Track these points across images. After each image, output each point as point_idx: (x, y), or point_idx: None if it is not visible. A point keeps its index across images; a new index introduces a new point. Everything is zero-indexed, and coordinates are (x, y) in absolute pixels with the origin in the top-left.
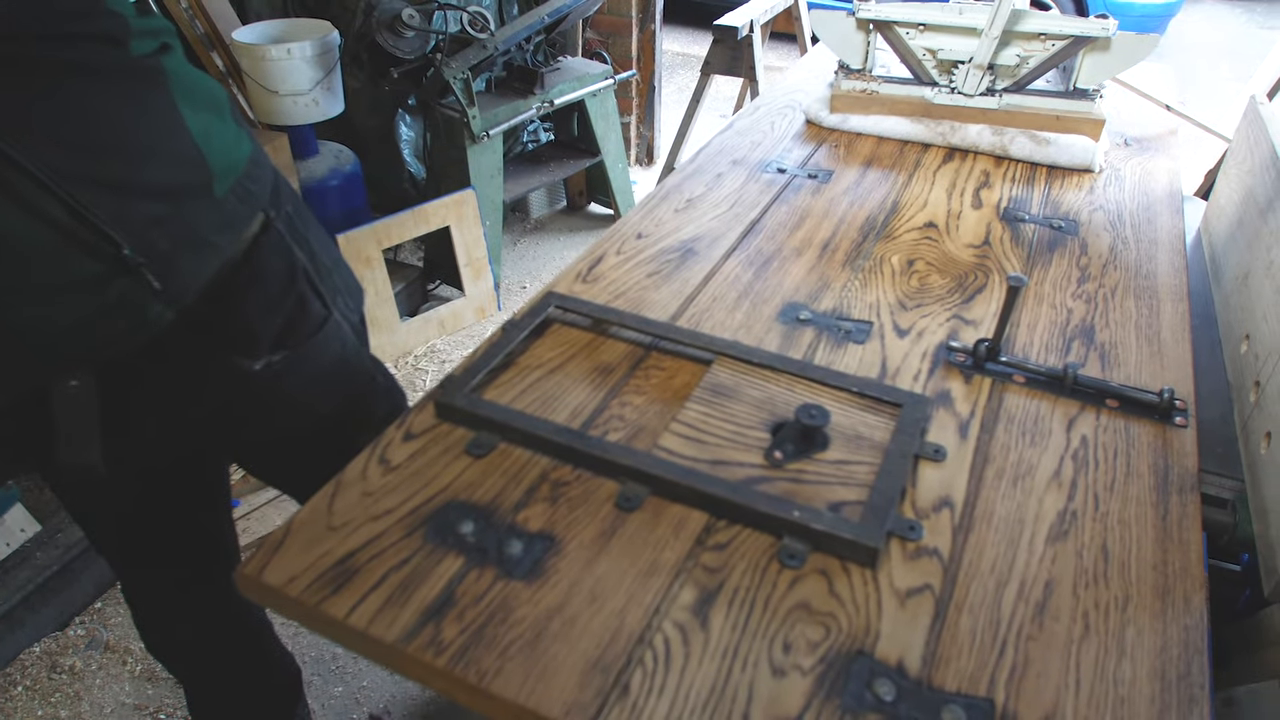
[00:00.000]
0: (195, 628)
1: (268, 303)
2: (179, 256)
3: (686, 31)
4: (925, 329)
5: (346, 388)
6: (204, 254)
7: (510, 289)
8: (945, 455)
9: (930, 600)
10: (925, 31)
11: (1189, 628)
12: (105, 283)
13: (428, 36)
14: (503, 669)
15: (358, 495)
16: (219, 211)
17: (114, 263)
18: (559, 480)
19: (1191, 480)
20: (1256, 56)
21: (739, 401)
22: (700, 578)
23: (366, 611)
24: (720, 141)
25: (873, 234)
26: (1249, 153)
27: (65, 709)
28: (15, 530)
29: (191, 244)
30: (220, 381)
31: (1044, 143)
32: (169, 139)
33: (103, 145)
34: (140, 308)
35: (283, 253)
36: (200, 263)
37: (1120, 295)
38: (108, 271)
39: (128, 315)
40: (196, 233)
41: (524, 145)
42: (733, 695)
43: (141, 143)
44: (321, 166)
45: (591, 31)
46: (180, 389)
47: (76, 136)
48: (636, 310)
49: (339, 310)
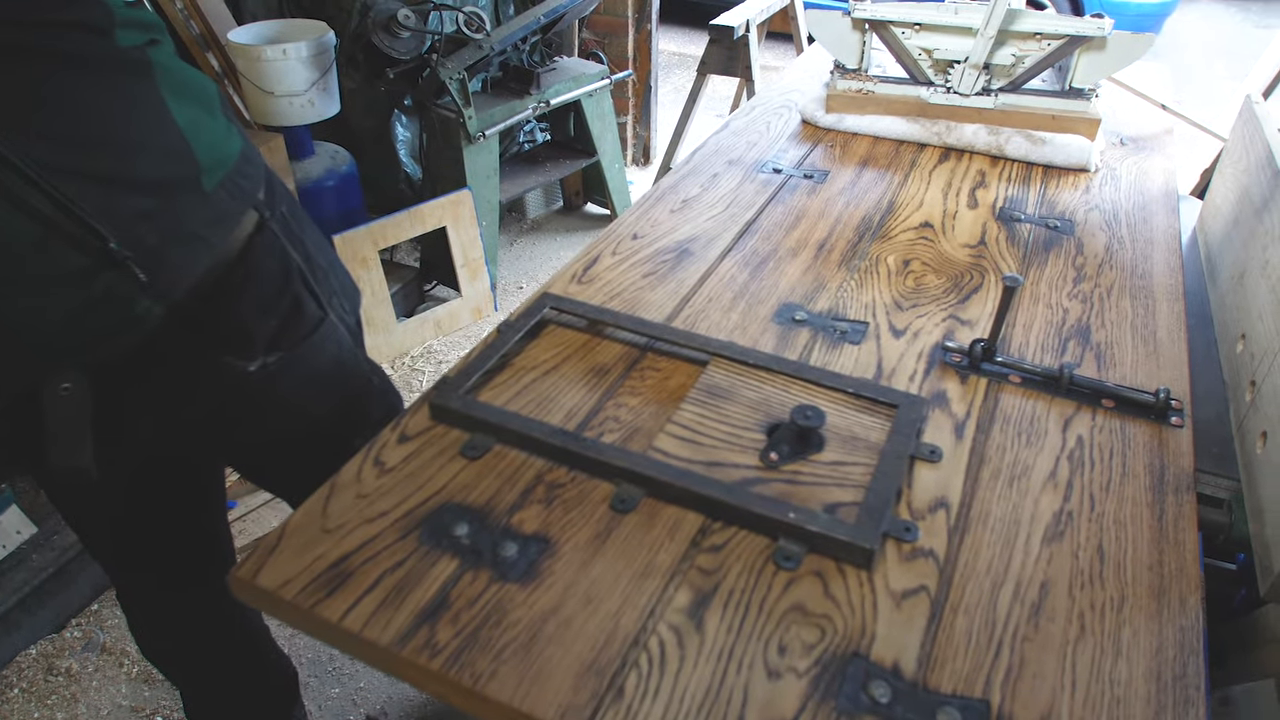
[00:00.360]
0: (190, 631)
1: (262, 303)
2: (167, 250)
3: (683, 31)
4: (921, 329)
5: (342, 390)
6: (193, 248)
7: (507, 289)
8: (941, 456)
9: (926, 602)
10: (921, 31)
11: (1185, 628)
12: (91, 276)
13: (423, 37)
14: (497, 672)
15: (352, 498)
16: (208, 206)
17: (100, 256)
18: (554, 482)
19: (1187, 480)
20: (1252, 55)
21: (734, 403)
22: (695, 580)
23: (361, 614)
24: (716, 142)
25: (868, 234)
26: (1244, 152)
27: (62, 711)
28: (11, 532)
29: (179, 238)
30: (214, 383)
31: (1040, 142)
32: (156, 132)
33: (88, 138)
34: (128, 302)
35: (277, 253)
36: (189, 257)
37: (1116, 295)
38: (94, 265)
39: (115, 310)
40: (185, 227)
41: (520, 145)
42: (728, 698)
43: (128, 135)
44: (317, 167)
45: (588, 31)
46: (174, 390)
47: (61, 128)
48: (632, 311)
49: (335, 312)
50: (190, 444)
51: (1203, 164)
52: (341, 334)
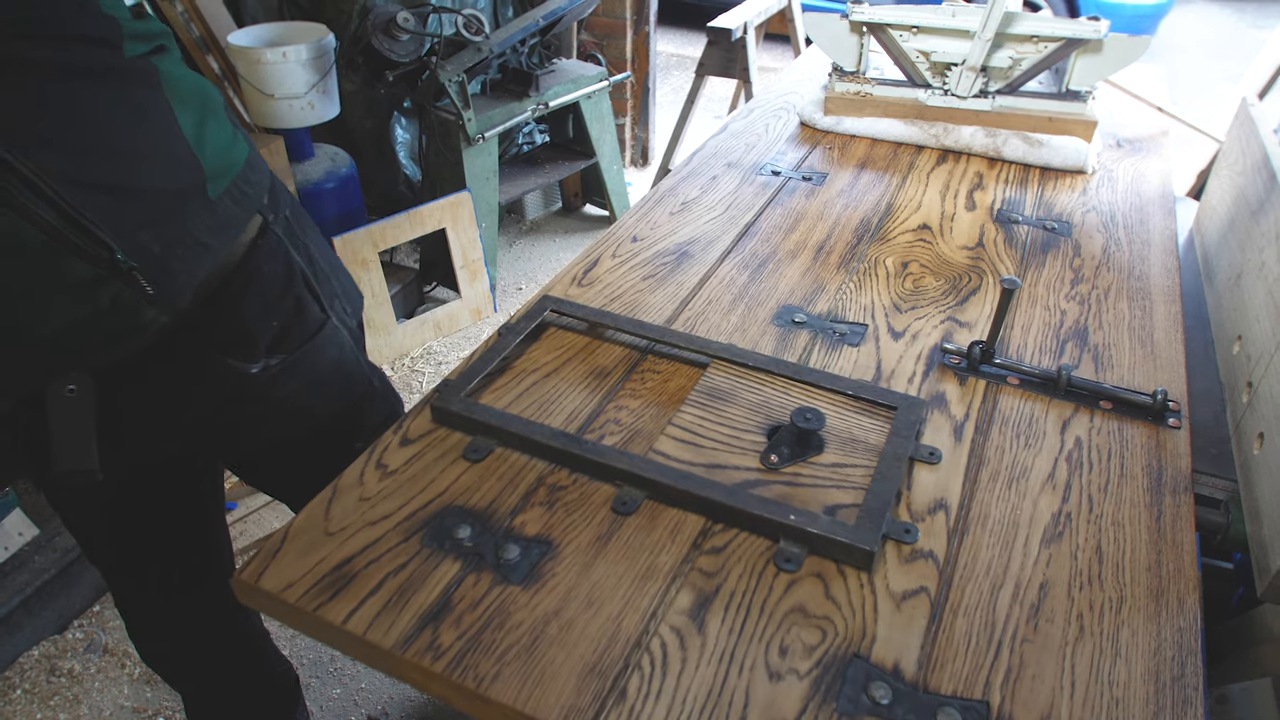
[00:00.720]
0: (190, 635)
1: (265, 306)
2: (172, 259)
3: (681, 33)
4: (920, 331)
5: (343, 392)
6: (197, 255)
7: (506, 290)
8: (940, 458)
9: (926, 603)
10: (918, 34)
11: (1183, 629)
12: (98, 286)
13: (423, 39)
14: (500, 674)
15: (355, 500)
16: (212, 213)
17: (107, 266)
18: (555, 485)
19: (1185, 481)
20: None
21: (735, 405)
22: (697, 581)
23: (364, 617)
24: (715, 144)
25: (867, 236)
26: (1240, 154)
27: (64, 712)
28: (14, 534)
29: (184, 246)
30: (217, 385)
31: (1037, 144)
32: (163, 142)
33: (96, 148)
34: (134, 311)
35: (280, 256)
36: (193, 265)
37: (1113, 297)
38: (100, 275)
39: (122, 319)
40: (190, 235)
41: (519, 147)
42: (729, 699)
43: (135, 146)
44: (317, 169)
45: (586, 33)
46: (177, 392)
47: (70, 139)
48: (632, 313)
49: (337, 315)
50: (192, 446)
51: (1199, 165)
52: (343, 337)
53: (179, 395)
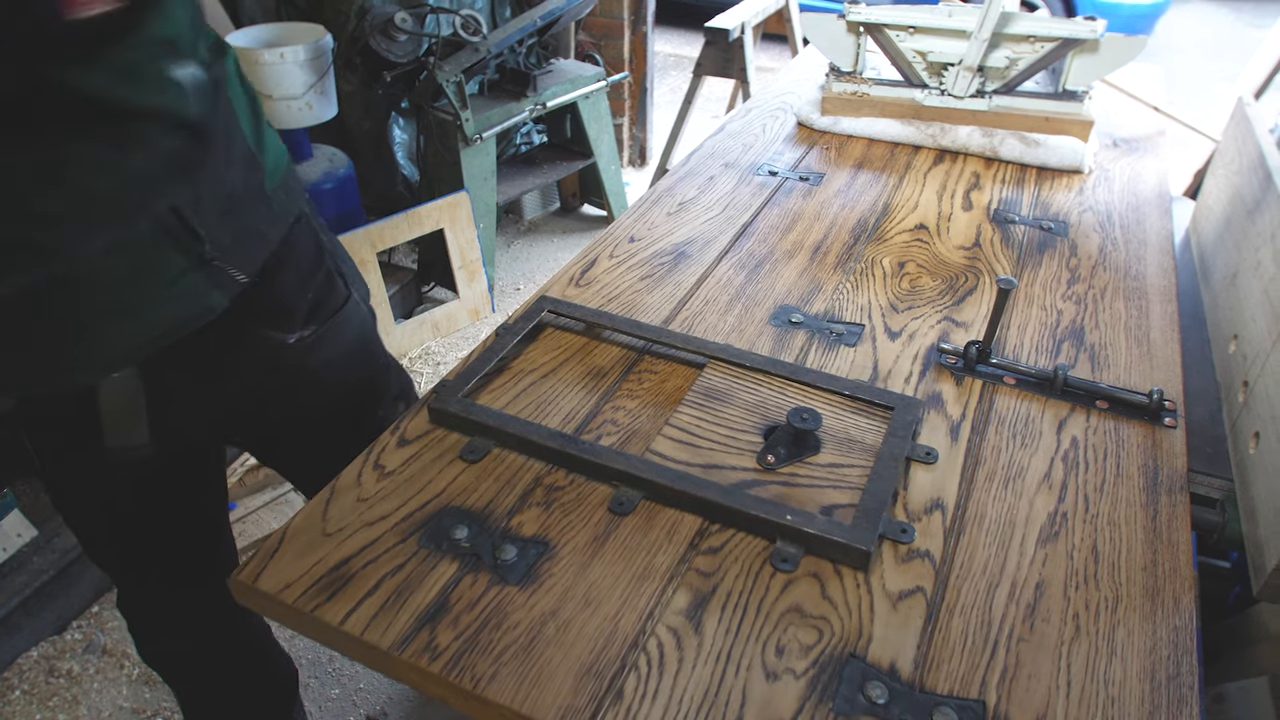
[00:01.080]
0: (192, 633)
1: (300, 281)
2: (240, 249)
3: (678, 33)
4: (916, 331)
5: (366, 362)
6: (257, 245)
7: (504, 291)
8: (937, 458)
9: (922, 603)
10: (915, 34)
11: (1178, 628)
12: (181, 277)
13: (420, 40)
14: (497, 674)
15: (352, 501)
16: (269, 206)
17: (195, 258)
18: (553, 485)
19: (1181, 481)
20: (1244, 56)
21: (731, 405)
22: (694, 582)
23: (361, 618)
24: (712, 144)
25: (864, 236)
26: (1237, 153)
27: (63, 713)
28: (12, 535)
29: (249, 238)
30: (256, 356)
31: (1034, 144)
32: (236, 141)
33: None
34: (204, 297)
35: (311, 234)
36: (255, 254)
37: (1110, 296)
38: (188, 265)
39: (194, 306)
40: (253, 226)
41: (517, 147)
42: (726, 699)
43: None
44: (315, 170)
45: (584, 34)
46: (220, 364)
47: None
48: (629, 314)
49: (357, 291)
50: (231, 419)
51: (1195, 165)
52: (364, 311)
53: (222, 367)
